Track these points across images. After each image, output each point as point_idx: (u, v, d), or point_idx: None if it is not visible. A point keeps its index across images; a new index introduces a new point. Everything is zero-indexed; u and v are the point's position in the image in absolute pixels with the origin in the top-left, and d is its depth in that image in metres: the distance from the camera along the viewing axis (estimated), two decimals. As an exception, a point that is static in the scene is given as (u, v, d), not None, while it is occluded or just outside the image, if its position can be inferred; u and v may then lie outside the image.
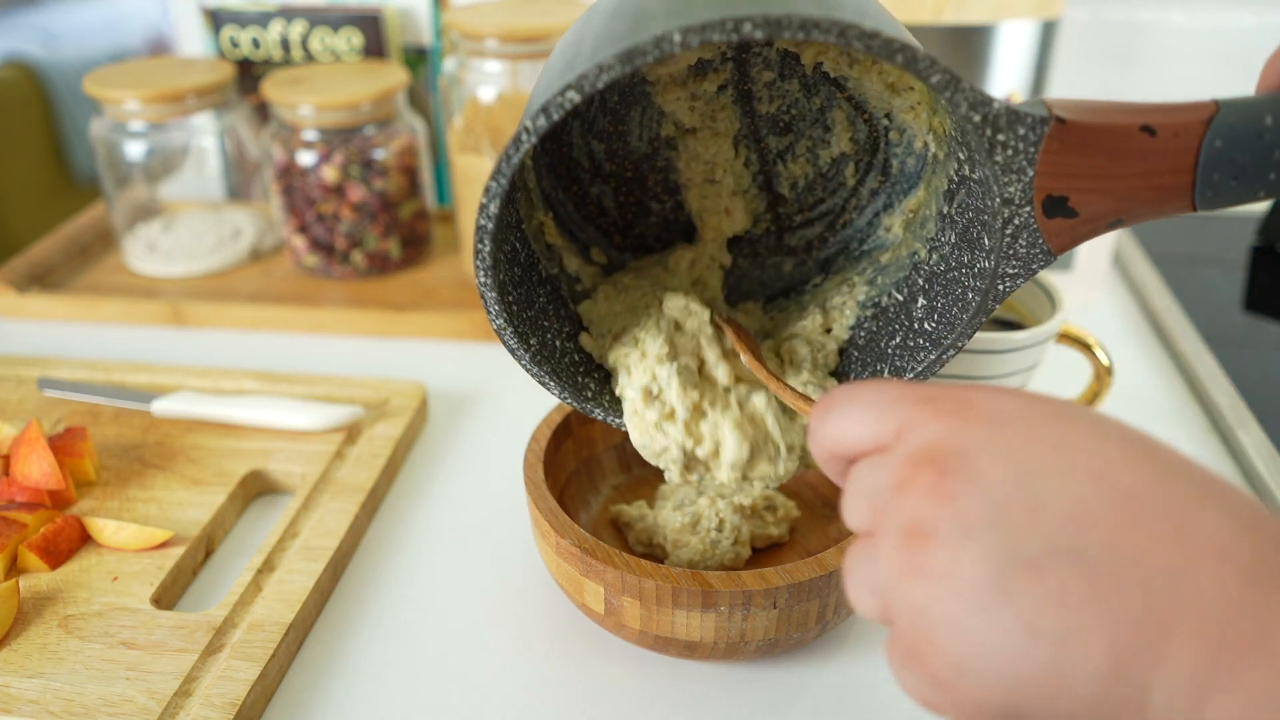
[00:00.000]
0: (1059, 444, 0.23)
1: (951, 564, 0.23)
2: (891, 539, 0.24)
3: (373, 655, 0.44)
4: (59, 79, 1.92)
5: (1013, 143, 0.33)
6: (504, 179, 0.34)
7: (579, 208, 0.47)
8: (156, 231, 0.78)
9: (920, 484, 0.24)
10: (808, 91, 0.44)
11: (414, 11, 0.79)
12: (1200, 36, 0.94)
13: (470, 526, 0.52)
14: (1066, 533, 0.22)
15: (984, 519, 0.23)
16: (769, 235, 0.48)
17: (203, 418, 0.56)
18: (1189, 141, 0.33)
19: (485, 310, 0.38)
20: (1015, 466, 0.23)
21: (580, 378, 0.43)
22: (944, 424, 0.25)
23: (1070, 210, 0.35)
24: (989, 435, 0.24)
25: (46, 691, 0.40)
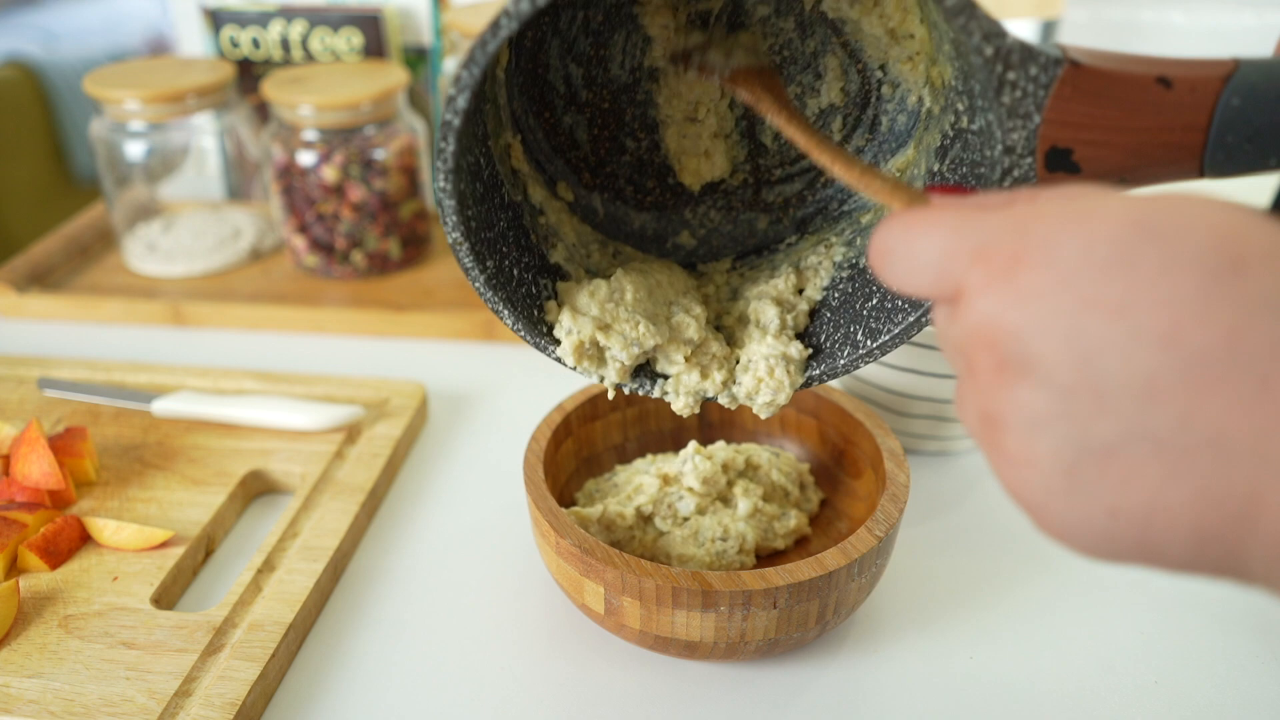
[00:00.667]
0: (1122, 304, 0.21)
1: (1026, 454, 0.23)
2: (972, 415, 0.24)
3: (373, 655, 0.44)
4: (59, 79, 1.92)
5: (1023, 83, 0.31)
6: (477, 69, 0.32)
7: (549, 137, 0.45)
8: (156, 231, 0.78)
9: (983, 372, 0.23)
10: (803, 32, 0.42)
11: (414, 11, 0.79)
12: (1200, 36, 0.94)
13: (470, 526, 0.52)
14: (1135, 412, 0.21)
15: (1049, 410, 0.22)
16: (745, 187, 0.46)
17: (203, 418, 0.56)
18: (1205, 97, 0.31)
19: (441, 221, 0.36)
20: (1076, 345, 0.22)
21: (536, 311, 0.41)
22: (996, 296, 0.23)
23: (1074, 164, 0.33)
24: (1044, 307, 0.22)
25: (46, 691, 0.40)
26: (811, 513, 0.49)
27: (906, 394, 0.52)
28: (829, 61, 0.43)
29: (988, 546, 0.49)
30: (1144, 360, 0.21)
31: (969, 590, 0.47)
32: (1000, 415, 0.23)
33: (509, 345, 0.68)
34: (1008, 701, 0.41)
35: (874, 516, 0.40)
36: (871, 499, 0.46)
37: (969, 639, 0.44)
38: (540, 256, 0.42)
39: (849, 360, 0.41)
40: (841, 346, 0.41)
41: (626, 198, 0.46)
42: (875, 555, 0.40)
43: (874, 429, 0.46)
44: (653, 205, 0.47)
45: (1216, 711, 0.40)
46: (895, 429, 0.54)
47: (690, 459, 0.46)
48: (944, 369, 0.50)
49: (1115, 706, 0.41)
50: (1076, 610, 0.45)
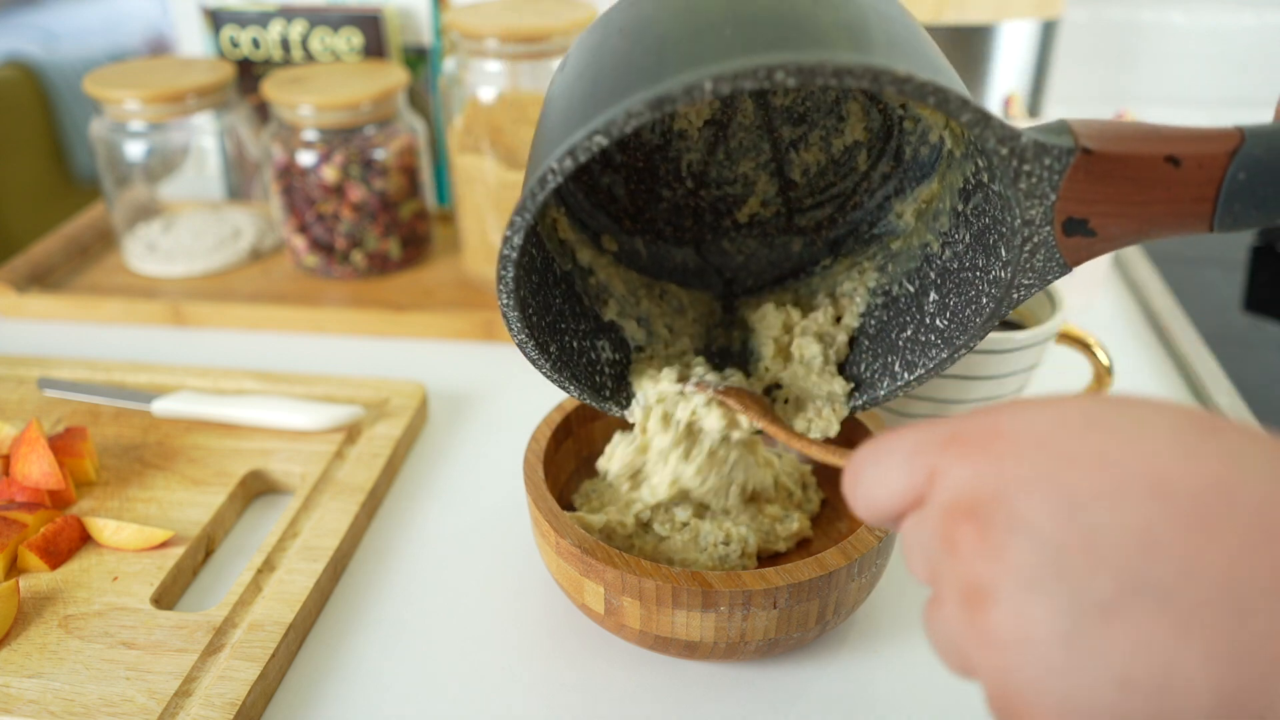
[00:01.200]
0: (1103, 460, 0.21)
1: (1019, 625, 0.21)
2: (953, 604, 0.22)
3: (373, 655, 0.44)
4: (59, 79, 1.92)
5: (1038, 172, 0.33)
6: (529, 214, 0.34)
7: (589, 196, 0.47)
8: (156, 231, 0.78)
9: (964, 542, 0.22)
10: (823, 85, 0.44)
11: (414, 11, 0.79)
12: (1200, 36, 0.94)
13: (470, 526, 0.52)
14: (1135, 566, 0.19)
15: (1041, 569, 0.20)
16: (778, 217, 0.49)
17: (203, 418, 0.56)
18: (1212, 172, 0.33)
19: (507, 328, 0.39)
20: (1060, 500, 0.21)
21: (598, 377, 0.44)
22: (973, 465, 0.23)
23: (1089, 230, 0.35)
24: (1024, 468, 0.22)
25: (46, 691, 0.40)
26: (812, 513, 0.49)
27: (907, 394, 0.52)
28: (850, 106, 0.45)
29: (988, 546, 0.49)
30: (1135, 509, 0.20)
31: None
32: (987, 585, 0.21)
33: (509, 345, 0.68)
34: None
35: (874, 516, 0.40)
36: (871, 499, 0.46)
37: (969, 639, 0.44)
38: (595, 318, 0.45)
39: (889, 391, 0.44)
40: (880, 377, 0.44)
41: (666, 237, 0.49)
42: (875, 555, 0.40)
43: (874, 429, 0.46)
44: (692, 240, 0.49)
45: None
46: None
47: None
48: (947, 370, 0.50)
49: None
50: (1076, 610, 0.45)
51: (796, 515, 0.47)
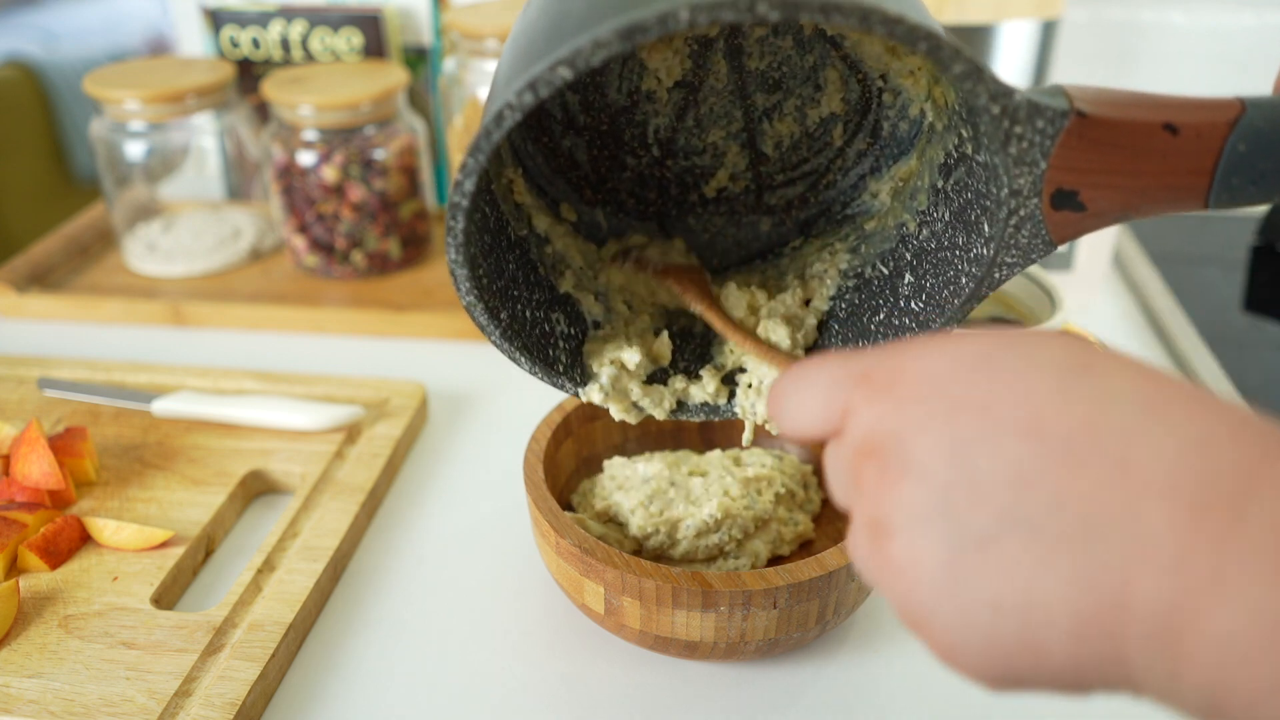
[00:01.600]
0: (986, 402, 0.22)
1: (910, 556, 0.23)
2: (860, 534, 0.25)
3: (373, 655, 0.44)
4: (59, 79, 1.92)
5: (1029, 135, 0.32)
6: (482, 156, 0.32)
7: (549, 160, 0.45)
8: (156, 231, 0.78)
9: (867, 480, 0.24)
10: (801, 49, 0.42)
11: (414, 11, 0.79)
12: (1200, 36, 0.94)
13: (470, 526, 0.52)
14: (1009, 500, 0.21)
15: (928, 505, 0.22)
16: (747, 193, 0.46)
17: (203, 418, 0.56)
18: (1211, 143, 0.32)
19: (455, 287, 0.37)
20: (948, 442, 0.22)
21: (551, 350, 0.41)
22: (877, 407, 0.24)
23: (1079, 204, 0.33)
24: (919, 410, 0.23)
25: (46, 691, 0.40)
26: (814, 512, 0.49)
27: (906, 394, 0.52)
28: (828, 74, 0.43)
29: (988, 546, 0.49)
30: (1011, 449, 0.22)
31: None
32: (885, 519, 0.23)
33: (509, 345, 0.68)
34: (1007, 701, 0.41)
35: (874, 516, 0.40)
36: (871, 499, 0.46)
37: (969, 639, 0.44)
38: (550, 289, 0.43)
39: None
40: None
41: (629, 210, 0.47)
42: (875, 555, 0.40)
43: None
44: (655, 215, 0.47)
45: (1216, 711, 0.40)
46: (895, 429, 0.54)
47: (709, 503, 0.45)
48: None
49: (1114, 705, 0.41)
50: (1076, 610, 0.45)
51: (801, 517, 0.47)
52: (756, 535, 0.45)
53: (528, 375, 0.47)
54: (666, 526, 0.43)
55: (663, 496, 0.45)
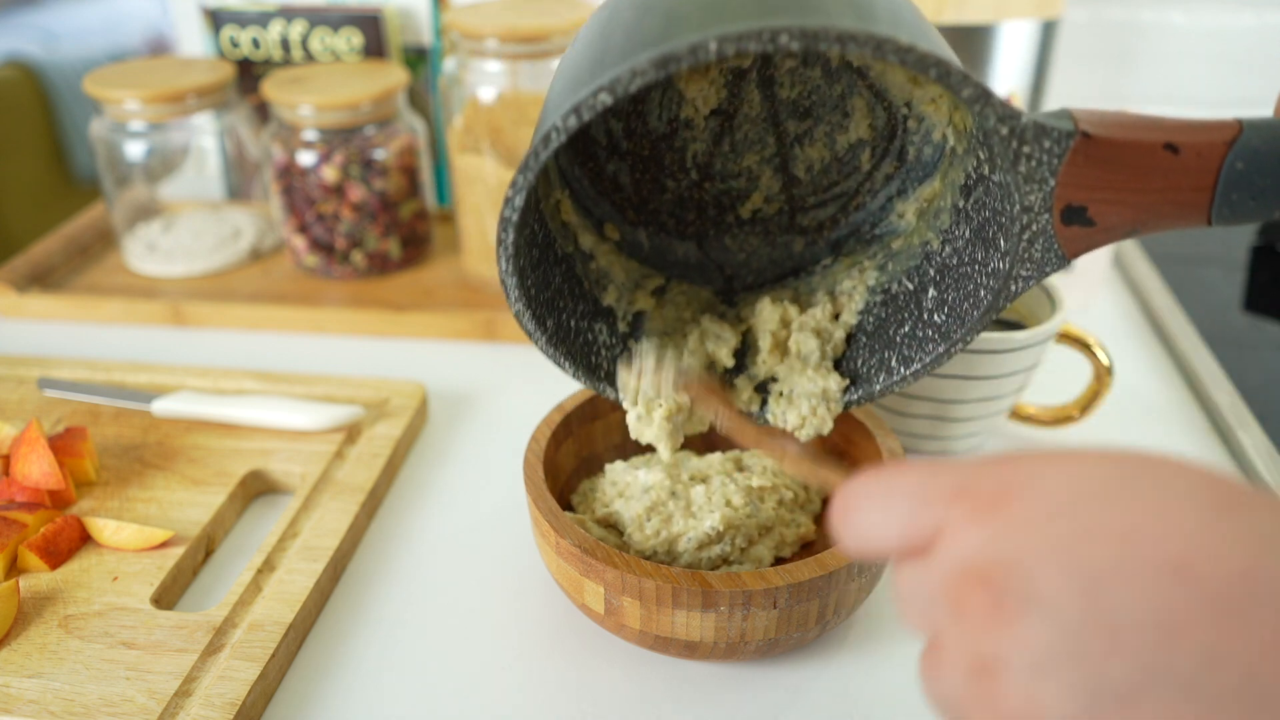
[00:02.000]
0: (1126, 532, 0.20)
1: (1030, 704, 0.20)
2: (959, 670, 0.21)
3: (373, 655, 0.44)
4: (59, 79, 1.92)
5: (1037, 155, 0.34)
6: (531, 174, 0.35)
7: (594, 183, 0.48)
8: (156, 231, 0.78)
9: (974, 611, 0.21)
10: (829, 78, 0.45)
11: (414, 11, 0.79)
12: (1200, 36, 0.94)
13: (470, 526, 0.52)
14: (1155, 653, 0.19)
15: (1056, 648, 0.20)
16: (781, 214, 0.49)
17: (203, 418, 0.56)
18: (1210, 162, 0.33)
19: (505, 296, 0.40)
20: (1078, 573, 0.20)
21: (594, 358, 0.44)
22: (985, 528, 0.22)
23: (1088, 220, 0.35)
24: (1039, 536, 0.21)
25: (46, 691, 0.40)
26: (814, 512, 0.48)
27: (906, 394, 0.52)
28: (855, 102, 0.45)
29: (988, 546, 0.49)
30: (1158, 592, 0.19)
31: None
32: (1000, 658, 0.20)
33: (509, 345, 0.68)
34: (1008, 701, 0.41)
35: (874, 516, 0.40)
36: (871, 499, 0.46)
37: (969, 639, 0.44)
38: (594, 302, 0.45)
39: (884, 386, 0.44)
40: (877, 373, 0.44)
41: (669, 230, 0.49)
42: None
43: (874, 429, 0.46)
44: (694, 235, 0.49)
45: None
46: (895, 429, 0.54)
47: (711, 514, 0.45)
48: (944, 369, 0.50)
49: None
50: (1076, 610, 0.45)
51: (804, 519, 0.47)
52: (760, 541, 0.45)
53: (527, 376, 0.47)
54: (665, 546, 0.43)
55: (662, 509, 0.44)
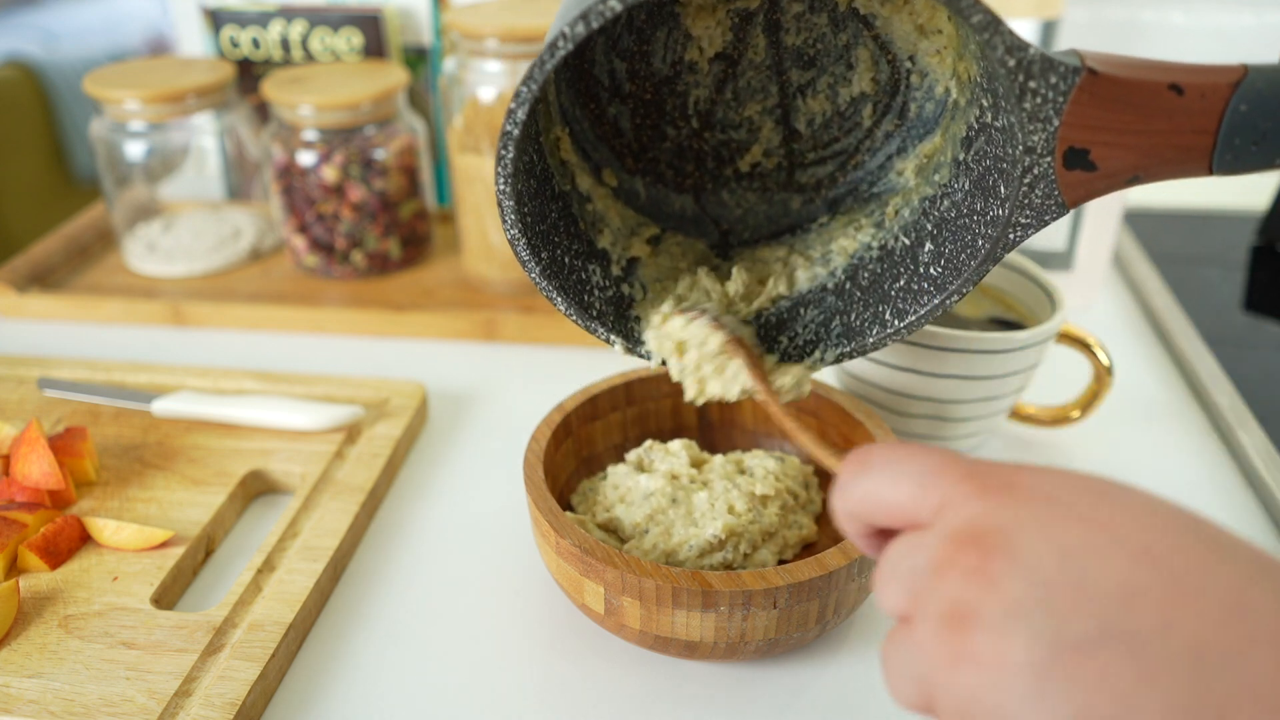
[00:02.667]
0: (1105, 522, 0.23)
1: (997, 648, 0.22)
2: (931, 624, 0.23)
3: (373, 655, 0.44)
4: (59, 79, 1.92)
5: (1043, 90, 0.33)
6: (535, 85, 0.35)
7: (595, 126, 0.47)
8: (156, 231, 0.78)
9: (961, 565, 0.23)
10: (835, 27, 0.45)
11: (414, 11, 0.79)
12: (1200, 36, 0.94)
13: (470, 526, 0.52)
14: (1115, 612, 0.21)
15: (1029, 600, 0.22)
16: (779, 170, 0.49)
17: (203, 418, 0.56)
18: (1214, 103, 0.33)
19: (501, 219, 0.39)
20: (1060, 544, 0.22)
21: (586, 296, 0.44)
22: (986, 502, 0.24)
23: (1090, 163, 0.35)
24: (1033, 513, 0.23)
25: (46, 691, 0.40)
26: (815, 513, 0.48)
27: (906, 394, 0.52)
28: (860, 53, 0.45)
29: (988, 546, 0.49)
30: (1125, 566, 0.22)
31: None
32: (973, 609, 0.22)
33: (509, 345, 0.68)
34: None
35: (874, 516, 0.40)
36: (871, 499, 0.46)
37: (969, 639, 0.44)
38: (589, 242, 0.45)
39: (877, 338, 0.43)
40: (871, 325, 0.44)
41: (667, 181, 0.49)
42: (875, 555, 0.40)
43: (874, 429, 0.46)
44: (692, 188, 0.49)
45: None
46: (895, 429, 0.54)
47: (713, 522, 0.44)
48: (944, 369, 0.50)
49: None
50: (1076, 610, 0.45)
51: (806, 521, 0.47)
52: (764, 545, 0.45)
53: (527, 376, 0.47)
54: (663, 560, 0.43)
55: (662, 517, 0.44)
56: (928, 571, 0.24)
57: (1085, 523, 0.23)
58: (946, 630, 0.23)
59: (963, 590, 0.23)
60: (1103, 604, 0.21)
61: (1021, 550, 0.22)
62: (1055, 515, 0.23)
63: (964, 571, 0.23)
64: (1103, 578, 0.22)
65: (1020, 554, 0.22)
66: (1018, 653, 0.21)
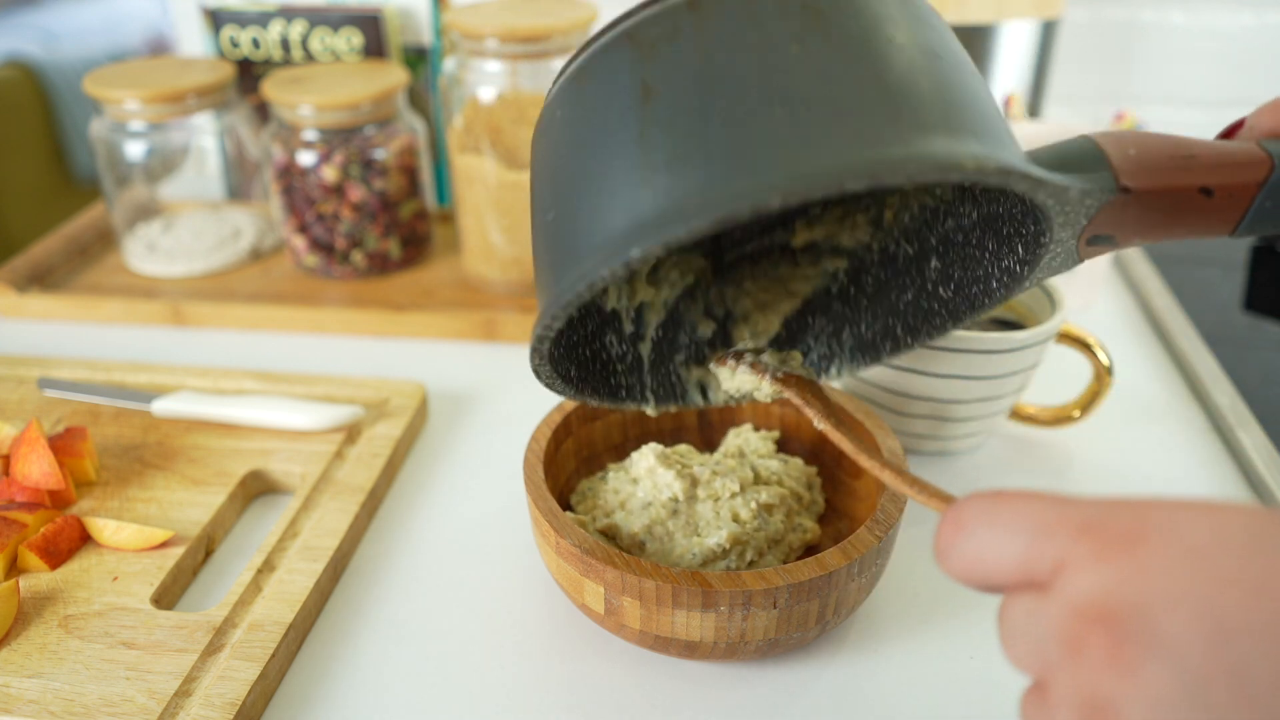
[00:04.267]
0: (1262, 586, 0.19)
1: None
2: (1068, 710, 0.21)
3: (373, 655, 0.44)
4: (59, 79, 1.92)
5: (1076, 212, 0.34)
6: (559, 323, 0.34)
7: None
8: (156, 231, 0.78)
9: (1094, 650, 0.20)
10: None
11: (414, 11, 0.79)
12: (1200, 36, 0.94)
13: (470, 526, 0.52)
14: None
15: (1176, 695, 0.19)
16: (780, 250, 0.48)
17: (203, 418, 0.56)
18: (1241, 200, 0.34)
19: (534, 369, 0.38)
20: (1209, 623, 0.19)
21: (613, 380, 0.44)
22: (1112, 567, 0.21)
23: (1113, 242, 0.36)
24: (1171, 581, 0.20)
25: (46, 691, 0.40)
26: (818, 513, 0.48)
27: (906, 394, 0.52)
28: (859, 219, 0.45)
29: (988, 546, 0.49)
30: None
31: (969, 590, 0.47)
32: (1115, 702, 0.20)
33: (509, 345, 0.68)
34: (1008, 701, 0.41)
35: (874, 516, 0.40)
36: (871, 499, 0.46)
37: (969, 639, 0.44)
38: (598, 312, 0.43)
39: (890, 353, 0.44)
40: (884, 340, 0.44)
41: None
42: (875, 555, 0.40)
43: (874, 429, 0.46)
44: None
45: (1216, 711, 0.40)
46: (895, 429, 0.54)
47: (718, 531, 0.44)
48: (944, 369, 0.50)
49: None
50: (1076, 610, 0.45)
51: (808, 522, 0.47)
52: (769, 552, 0.45)
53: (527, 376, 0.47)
54: None
55: (660, 528, 0.44)
56: (1056, 648, 0.21)
57: (1240, 590, 0.19)
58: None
59: (1099, 680, 0.20)
60: (1266, 698, 0.18)
61: (1163, 632, 0.19)
62: (1199, 581, 0.20)
63: (1099, 658, 0.20)
64: (1265, 665, 0.18)
65: (1162, 637, 0.19)
66: None
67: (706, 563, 0.43)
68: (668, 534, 0.44)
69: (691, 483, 0.45)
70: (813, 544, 0.47)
